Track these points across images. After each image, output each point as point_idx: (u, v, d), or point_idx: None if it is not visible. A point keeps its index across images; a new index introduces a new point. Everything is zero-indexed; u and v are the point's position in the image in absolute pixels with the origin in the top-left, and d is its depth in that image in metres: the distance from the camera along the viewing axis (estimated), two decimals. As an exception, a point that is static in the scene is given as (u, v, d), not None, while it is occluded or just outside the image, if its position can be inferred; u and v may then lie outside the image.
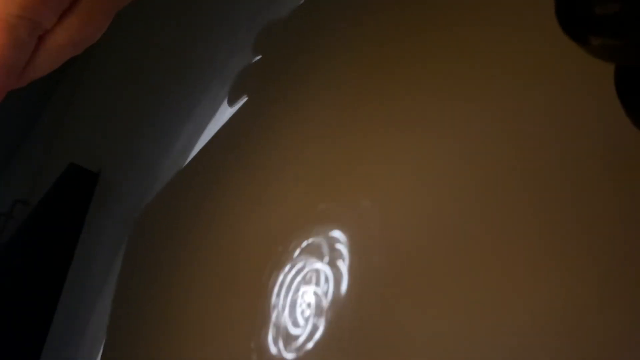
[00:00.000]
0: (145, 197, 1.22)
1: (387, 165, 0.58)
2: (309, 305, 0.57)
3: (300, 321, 0.58)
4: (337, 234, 0.59)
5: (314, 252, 0.60)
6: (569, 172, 0.40)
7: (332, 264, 0.57)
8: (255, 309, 0.66)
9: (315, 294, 0.57)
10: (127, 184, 1.36)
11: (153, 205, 1.16)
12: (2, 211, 1.95)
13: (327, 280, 0.57)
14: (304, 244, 0.63)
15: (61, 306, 1.34)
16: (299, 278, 0.61)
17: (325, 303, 0.55)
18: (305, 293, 0.59)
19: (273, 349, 0.60)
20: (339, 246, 0.58)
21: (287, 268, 0.63)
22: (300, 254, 0.63)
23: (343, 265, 0.56)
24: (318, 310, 0.56)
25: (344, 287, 0.54)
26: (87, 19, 0.25)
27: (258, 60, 0.97)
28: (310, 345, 0.55)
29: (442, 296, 0.45)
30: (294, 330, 0.58)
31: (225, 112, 1.01)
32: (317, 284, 0.58)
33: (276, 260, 0.66)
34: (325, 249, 0.59)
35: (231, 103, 0.99)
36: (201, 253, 0.87)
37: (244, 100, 0.96)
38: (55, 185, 1.55)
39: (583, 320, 0.35)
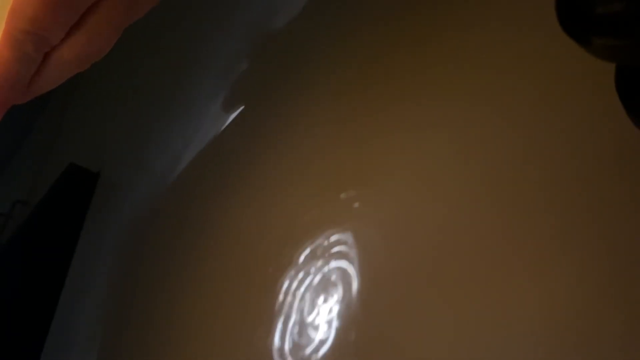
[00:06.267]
0: (145, 197, 1.22)
1: (393, 169, 0.57)
2: (318, 312, 0.57)
3: (310, 329, 0.57)
4: (344, 237, 0.58)
5: (321, 256, 0.60)
6: (568, 173, 0.40)
7: (340, 269, 0.57)
8: (263, 313, 0.66)
9: (325, 300, 0.57)
10: (127, 184, 1.36)
11: (154, 205, 1.16)
12: (2, 211, 1.95)
13: (335, 285, 0.56)
14: (311, 248, 0.62)
15: (61, 306, 1.33)
16: (307, 283, 0.60)
17: (335, 309, 0.55)
18: (315, 299, 0.58)
19: (280, 355, 0.60)
20: (346, 249, 0.57)
21: (294, 273, 0.63)
22: (307, 258, 0.62)
23: (351, 269, 0.55)
24: (329, 317, 0.55)
25: (353, 292, 0.54)
26: (94, 36, 0.25)
27: (259, 66, 0.97)
28: (321, 352, 0.54)
29: (451, 298, 0.45)
30: (301, 339, 0.58)
31: (226, 116, 1.00)
32: (325, 289, 0.57)
33: (284, 265, 0.66)
34: (333, 253, 0.59)
35: (232, 107, 0.99)
36: (203, 254, 0.87)
37: (244, 105, 0.96)
38: (55, 185, 1.55)
39: (594, 318, 0.35)
